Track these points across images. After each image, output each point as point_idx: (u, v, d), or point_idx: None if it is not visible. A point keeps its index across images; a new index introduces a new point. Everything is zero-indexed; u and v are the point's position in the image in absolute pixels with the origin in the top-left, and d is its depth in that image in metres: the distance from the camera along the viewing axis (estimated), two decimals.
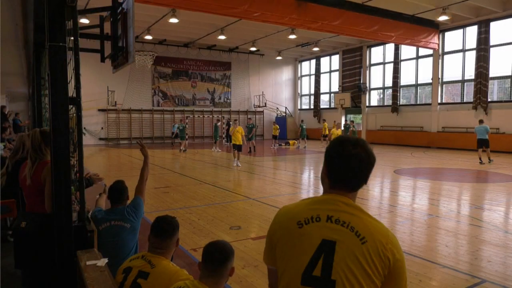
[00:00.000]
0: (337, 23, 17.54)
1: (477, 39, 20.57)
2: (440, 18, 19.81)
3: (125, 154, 19.82)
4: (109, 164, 15.92)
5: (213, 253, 2.10)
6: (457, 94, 22.71)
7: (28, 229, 3.03)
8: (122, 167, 14.91)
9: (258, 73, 32.36)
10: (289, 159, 17.38)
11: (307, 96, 34.38)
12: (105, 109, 26.16)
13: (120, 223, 3.23)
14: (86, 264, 2.59)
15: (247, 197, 8.58)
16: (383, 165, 14.87)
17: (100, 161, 16.80)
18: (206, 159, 16.88)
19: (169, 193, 9.05)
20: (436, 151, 20.54)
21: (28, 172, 3.20)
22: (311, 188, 10.19)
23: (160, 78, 28.37)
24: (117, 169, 14.19)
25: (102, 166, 15.04)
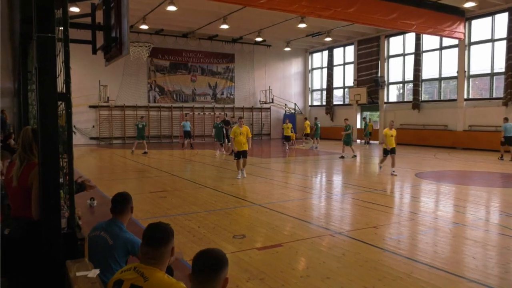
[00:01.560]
0: (352, 10, 17.49)
1: (508, 27, 20.39)
2: (466, 5, 19.66)
3: (119, 154, 19.92)
4: (101, 166, 16.00)
5: (204, 263, 2.10)
6: (485, 88, 22.53)
7: (12, 236, 3.05)
8: (115, 169, 14.97)
9: (264, 66, 32.36)
10: (299, 161, 17.34)
11: (318, 91, 34.30)
12: (96, 105, 26.31)
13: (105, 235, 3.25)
14: (76, 275, 2.61)
15: (252, 202, 8.58)
16: (403, 168, 14.78)
17: (91, 162, 16.89)
18: (207, 160, 16.91)
19: (166, 197, 9.07)
20: (462, 152, 20.39)
21: (15, 173, 3.22)
22: (322, 193, 10.16)
23: (157, 72, 28.49)
24: (109, 171, 14.26)
25: (93, 168, 15.12)
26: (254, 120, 31.85)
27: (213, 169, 14.58)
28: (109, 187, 10.48)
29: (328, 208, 8.38)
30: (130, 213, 3.46)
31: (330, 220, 7.18)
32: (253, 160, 18.13)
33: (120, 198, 3.45)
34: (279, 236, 6.12)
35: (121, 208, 3.41)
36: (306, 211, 7.93)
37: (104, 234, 3.27)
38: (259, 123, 32.06)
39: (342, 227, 6.71)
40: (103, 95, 25.69)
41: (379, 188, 10.41)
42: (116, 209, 3.41)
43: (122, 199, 3.45)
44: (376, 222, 7.02)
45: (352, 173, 13.85)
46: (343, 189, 10.85)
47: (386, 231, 6.50)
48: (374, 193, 9.72)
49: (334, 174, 13.59)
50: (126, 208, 3.44)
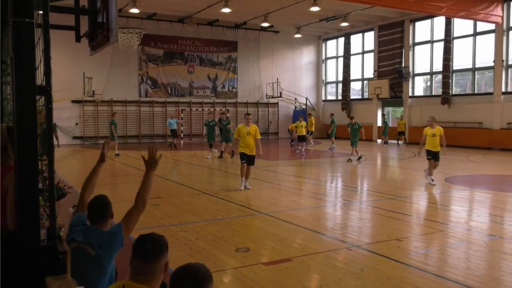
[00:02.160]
0: None
1: None
2: None
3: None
4: (85, 169, 16.04)
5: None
6: None
7: None
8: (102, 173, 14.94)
9: (271, 55, 32.37)
10: (311, 164, 17.31)
11: (333, 83, 34.24)
12: (80, 100, 26.45)
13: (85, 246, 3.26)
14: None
15: (257, 211, 8.58)
16: None
17: (74, 165, 16.97)
18: (206, 163, 16.93)
19: (160, 205, 9.09)
20: (499, 154, 20.27)
21: None
22: (338, 200, 10.14)
23: (149, 62, 28.59)
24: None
25: (76, 171, 15.19)
26: (260, 117, 31.88)
27: (213, 172, 14.59)
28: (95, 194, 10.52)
29: (345, 217, 8.35)
30: (111, 219, 3.47)
31: (346, 232, 7.16)
32: (259, 162, 18.09)
33: (99, 204, 3.45)
34: (288, 250, 6.11)
35: (101, 214, 3.42)
36: (319, 221, 7.92)
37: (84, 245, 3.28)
38: (265, 121, 32.06)
39: (361, 239, 6.69)
40: (88, 89, 25.80)
41: (402, 194, 10.37)
42: (95, 216, 3.42)
43: (100, 204, 3.46)
44: (400, 233, 6.99)
45: (372, 178, 13.80)
46: (361, 196, 10.80)
47: (411, 244, 6.47)
48: (397, 200, 9.68)
49: (351, 179, 13.55)
50: (106, 215, 3.45)
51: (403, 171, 15.91)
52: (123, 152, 21.23)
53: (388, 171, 15.90)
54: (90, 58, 22.14)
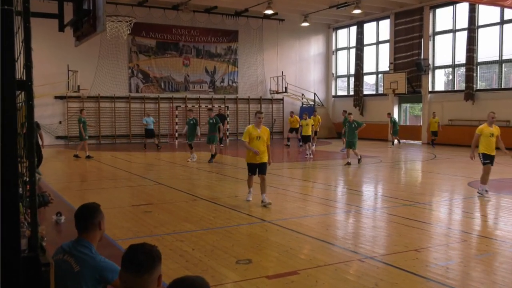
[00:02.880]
0: None
1: None
2: None
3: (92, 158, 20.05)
4: (70, 172, 16.11)
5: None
6: None
7: None
8: (88, 176, 15.06)
9: (276, 46, 32.40)
10: (319, 166, 17.31)
11: (344, 77, 34.22)
12: (64, 96, 26.54)
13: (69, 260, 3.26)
14: None
15: (260, 219, 8.59)
16: (453, 175, 14.69)
17: (57, 168, 17.02)
18: (204, 165, 16.95)
19: (152, 212, 9.11)
20: None
21: None
22: (349, 206, 10.14)
23: (140, 54, 28.66)
24: (80, 179, 14.34)
25: (60, 175, 15.23)
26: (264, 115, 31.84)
27: (211, 176, 14.60)
28: (80, 199, 10.55)
29: (357, 226, 8.35)
30: (99, 230, 3.47)
31: (359, 241, 7.16)
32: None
33: (84, 212, 3.46)
34: (294, 262, 6.12)
35: (86, 224, 3.42)
36: (329, 229, 7.92)
37: (69, 258, 3.28)
38: (269, 119, 32.08)
39: (375, 250, 6.69)
40: (73, 83, 25.86)
41: (421, 200, 10.36)
42: (82, 225, 3.42)
43: (86, 212, 3.46)
44: (418, 243, 6.98)
45: (387, 182, 13.79)
46: (375, 202, 10.79)
47: (431, 256, 6.47)
48: (415, 207, 9.67)
49: (364, 183, 13.54)
50: (93, 224, 3.45)
51: (421, 174, 15.90)
52: (112, 154, 21.26)
53: (405, 175, 15.88)
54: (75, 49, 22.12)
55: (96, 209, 3.52)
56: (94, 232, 3.45)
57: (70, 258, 3.28)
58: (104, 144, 27.12)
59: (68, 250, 3.33)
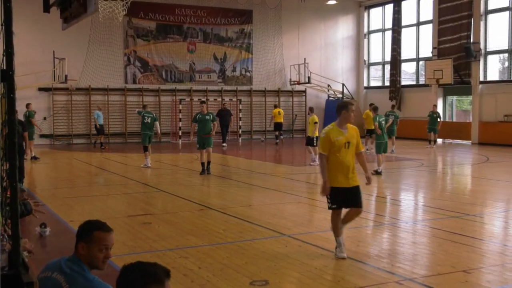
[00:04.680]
0: None
1: None
2: None
3: (81, 160, 20.20)
4: (56, 176, 16.23)
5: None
6: None
7: None
8: (77, 181, 15.17)
9: (296, 29, 32.35)
10: None
11: (378, 65, 34.02)
12: (49, 88, 26.78)
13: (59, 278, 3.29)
14: None
15: (279, 232, 8.58)
16: (509, 181, 14.51)
17: (41, 171, 17.17)
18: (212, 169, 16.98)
19: (152, 224, 9.15)
20: None
21: None
22: (384, 219, 10.07)
23: (138, 38, 28.83)
24: (68, 184, 14.44)
25: (45, 179, 15.36)
26: (282, 109, 31.81)
27: (220, 182, 14.61)
28: (68, 208, 10.62)
29: (393, 241, 8.29)
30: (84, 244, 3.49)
31: (396, 260, 7.12)
32: (282, 168, 18.07)
33: (85, 225, 3.49)
34: (319, 284, 6.08)
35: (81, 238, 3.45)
36: (360, 245, 7.87)
37: (58, 275, 3.31)
38: (289, 114, 32.04)
39: (415, 270, 6.64)
40: (59, 73, 26.06)
41: (471, 211, 10.25)
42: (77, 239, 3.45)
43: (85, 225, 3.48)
44: (467, 263, 6.91)
45: (430, 189, 13.68)
46: (415, 213, 10.70)
47: (483, 278, 6.40)
48: (463, 219, 9.57)
49: (403, 191, 13.45)
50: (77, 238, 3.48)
51: (471, 180, 15.73)
52: (105, 155, 21.39)
53: (452, 181, 15.74)
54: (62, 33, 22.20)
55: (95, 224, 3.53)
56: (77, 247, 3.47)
57: (60, 276, 3.30)
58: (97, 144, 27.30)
59: (59, 267, 3.35)
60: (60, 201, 11.37)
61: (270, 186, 13.48)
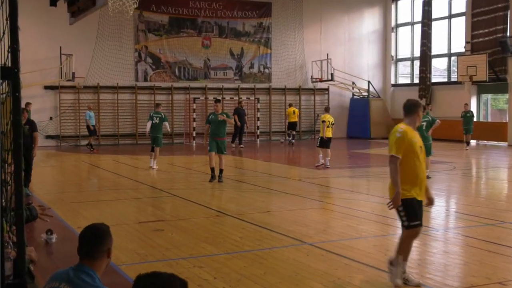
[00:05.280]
0: None
1: None
2: None
3: (89, 162, 20.34)
4: (62, 180, 16.36)
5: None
6: None
7: None
8: (84, 185, 15.27)
9: (319, 22, 32.27)
10: (374, 175, 17.14)
11: (407, 61, 33.80)
12: (56, 86, 27.02)
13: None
14: None
15: (300, 240, 8.55)
16: None
17: (47, 175, 17.30)
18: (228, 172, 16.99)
19: (164, 231, 9.17)
20: None
21: None
22: None
23: (149, 33, 28.96)
24: (76, 188, 14.55)
25: (51, 183, 15.48)
26: (303, 109, 31.83)
27: (236, 186, 14.61)
28: (75, 214, 10.69)
29: (423, 250, 8.22)
30: (107, 258, 3.50)
31: (426, 271, 7.06)
32: (302, 172, 18.02)
33: (92, 234, 3.49)
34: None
35: (93, 250, 3.46)
36: (388, 254, 7.80)
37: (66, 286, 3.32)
38: (311, 114, 31.96)
39: (447, 282, 6.58)
40: (66, 70, 26.29)
41: (508, 219, 10.13)
42: (86, 251, 3.45)
43: (95, 235, 3.48)
44: (504, 274, 6.84)
45: (463, 195, 13.56)
46: (447, 220, 10.61)
47: None
48: (499, 227, 9.47)
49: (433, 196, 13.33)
50: (101, 250, 3.48)
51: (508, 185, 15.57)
52: (114, 157, 21.53)
53: (487, 186, 15.58)
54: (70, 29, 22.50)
55: (107, 233, 3.53)
56: (101, 260, 3.47)
57: (68, 287, 3.31)
58: (104, 145, 27.46)
59: (67, 278, 3.36)
60: (67, 206, 11.45)
61: (290, 190, 13.45)
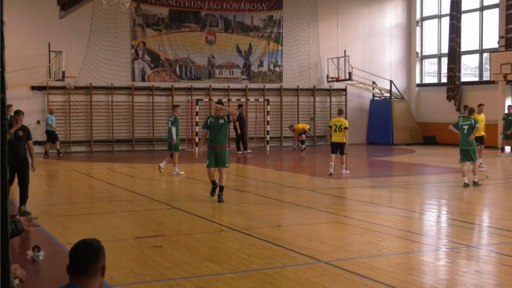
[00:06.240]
0: None
1: None
2: None
3: (81, 171, 20.36)
4: (50, 191, 16.39)
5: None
6: None
7: None
8: (75, 197, 15.29)
9: (335, 15, 32.30)
10: (397, 185, 17.08)
11: (433, 58, 33.72)
12: (44, 86, 27.14)
13: None
14: None
15: (314, 258, 8.52)
16: None
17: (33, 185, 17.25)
18: (232, 182, 16.99)
19: (164, 248, 9.17)
20: None
21: None
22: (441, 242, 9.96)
23: (148, 27, 29.03)
24: (66, 200, 14.58)
25: (38, 194, 15.52)
26: (318, 111, 31.86)
27: (243, 197, 14.60)
28: (64, 228, 10.71)
29: (453, 269, 8.20)
30: (101, 277, 3.51)
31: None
32: (316, 181, 17.99)
33: (85, 250, 3.50)
34: None
35: (85, 267, 3.47)
36: (412, 275, 7.79)
37: None
38: (326, 117, 31.92)
39: None
40: (56, 69, 26.36)
41: None
42: (77, 269, 3.47)
43: (87, 251, 3.50)
44: None
45: (496, 207, 13.50)
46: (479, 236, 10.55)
47: None
48: None
49: (463, 209, 13.28)
50: (94, 268, 3.50)
51: None
52: (108, 166, 21.57)
53: None
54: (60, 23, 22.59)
55: (100, 249, 3.54)
56: (94, 279, 3.49)
57: None
58: (97, 152, 27.54)
59: None
60: (56, 220, 11.47)
61: (304, 202, 13.43)
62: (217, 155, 13.36)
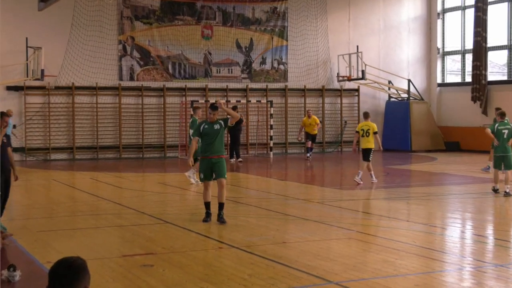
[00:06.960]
0: None
1: None
2: None
3: (62, 181, 20.36)
4: (27, 204, 16.38)
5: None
6: None
7: None
8: (55, 210, 15.28)
9: (347, 7, 32.37)
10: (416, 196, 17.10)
11: (457, 54, 33.76)
12: (21, 86, 27.18)
13: None
14: None
15: (324, 279, 8.52)
16: None
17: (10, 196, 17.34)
18: (236, 193, 16.99)
19: (154, 267, 9.17)
20: None
21: None
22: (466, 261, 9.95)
23: (137, 20, 29.10)
24: (45, 214, 14.56)
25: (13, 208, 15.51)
26: (328, 114, 31.92)
27: (244, 211, 14.60)
28: (43, 245, 10.71)
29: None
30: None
31: None
32: (325, 193, 18.00)
33: (66, 270, 3.51)
34: None
35: None
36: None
37: None
38: (337, 120, 31.92)
39: None
40: (34, 67, 26.38)
41: None
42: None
43: (69, 271, 3.51)
44: None
45: None
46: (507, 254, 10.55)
47: None
48: None
49: (490, 224, 13.30)
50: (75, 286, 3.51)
51: None
52: (92, 175, 21.58)
53: None
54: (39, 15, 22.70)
55: (83, 269, 3.56)
56: None
57: None
58: (80, 160, 27.56)
59: None
60: (34, 236, 11.46)
61: (312, 216, 13.44)
62: (213, 165, 12.63)
